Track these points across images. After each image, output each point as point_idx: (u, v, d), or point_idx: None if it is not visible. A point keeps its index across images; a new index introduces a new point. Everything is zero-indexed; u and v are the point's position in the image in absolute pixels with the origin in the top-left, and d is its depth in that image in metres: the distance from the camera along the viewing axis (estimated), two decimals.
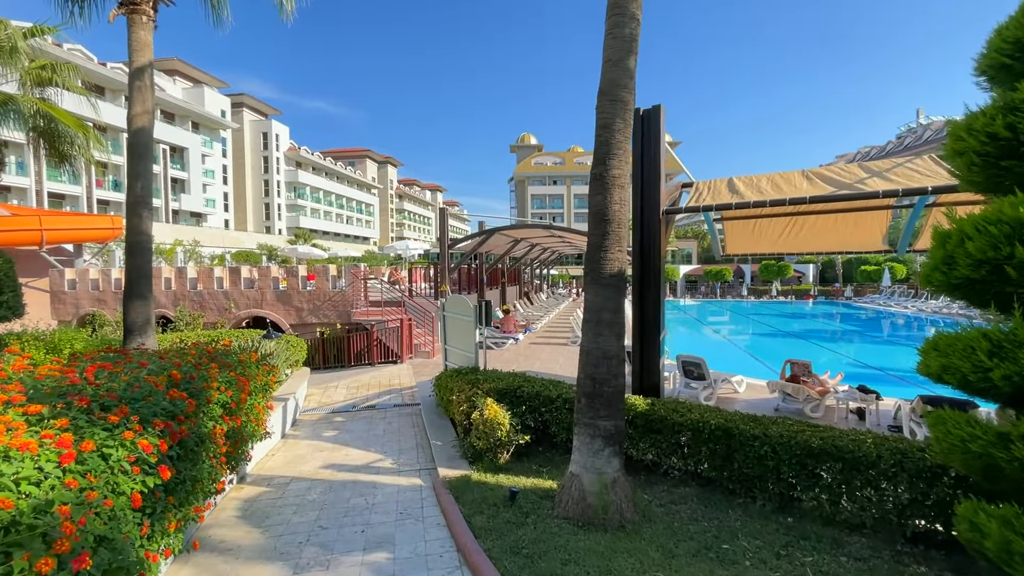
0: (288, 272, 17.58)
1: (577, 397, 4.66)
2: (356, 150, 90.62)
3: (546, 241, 22.45)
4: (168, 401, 3.26)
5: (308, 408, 9.93)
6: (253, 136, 65.03)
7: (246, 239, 48.41)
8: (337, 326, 16.66)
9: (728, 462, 4.88)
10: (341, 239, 74.53)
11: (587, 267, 4.63)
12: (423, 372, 13.14)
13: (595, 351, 4.51)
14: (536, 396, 6.31)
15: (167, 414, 3.14)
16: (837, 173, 6.54)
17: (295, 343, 11.29)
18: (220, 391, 4.08)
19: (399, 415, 9.30)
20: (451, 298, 8.10)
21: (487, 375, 7.15)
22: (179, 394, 3.40)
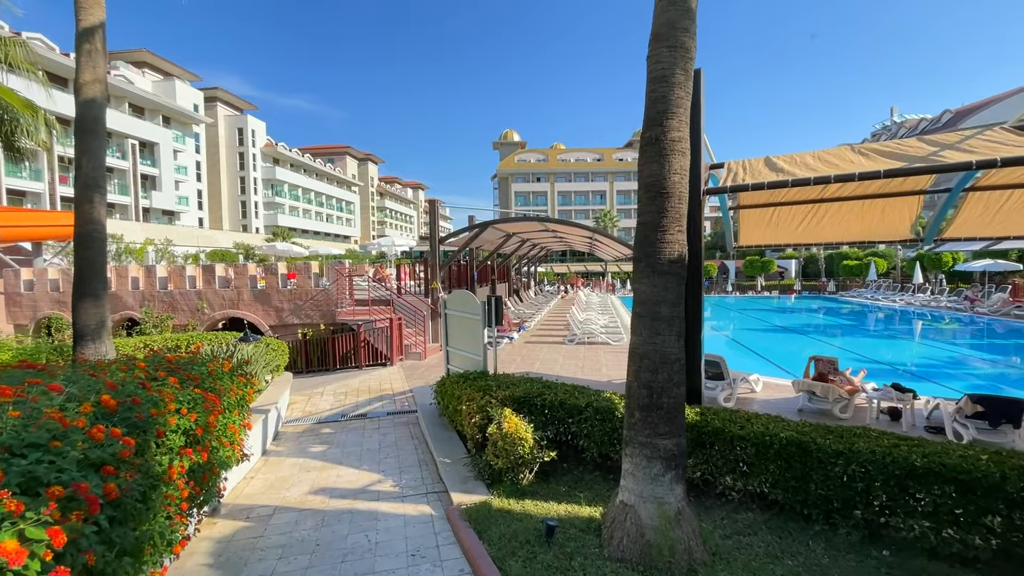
0: (267, 270, 16.42)
1: (628, 411, 3.83)
2: (335, 147, 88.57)
3: (536, 236, 21.65)
4: (91, 445, 2.31)
5: (291, 418, 8.92)
6: (228, 132, 62.82)
7: (222, 238, 46.57)
8: (321, 327, 15.59)
9: (803, 483, 4.11)
10: (321, 237, 72.71)
11: (639, 252, 3.79)
12: (416, 375, 12.20)
13: (651, 354, 3.68)
14: (560, 405, 5.47)
15: (89, 466, 2.19)
16: (898, 147, 5.83)
17: (276, 346, 10.25)
18: (180, 415, 3.13)
19: (394, 425, 8.37)
20: (455, 294, 7.22)
21: (499, 380, 6.28)
22: (114, 430, 2.43)
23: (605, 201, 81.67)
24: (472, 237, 16.03)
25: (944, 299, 29.63)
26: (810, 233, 10.76)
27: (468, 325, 6.93)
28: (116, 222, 36.55)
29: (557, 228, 17.60)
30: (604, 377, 11.89)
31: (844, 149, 6.22)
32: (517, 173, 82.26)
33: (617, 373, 12.22)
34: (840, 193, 8.82)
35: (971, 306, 26.46)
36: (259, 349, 8.93)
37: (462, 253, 17.53)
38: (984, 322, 24.03)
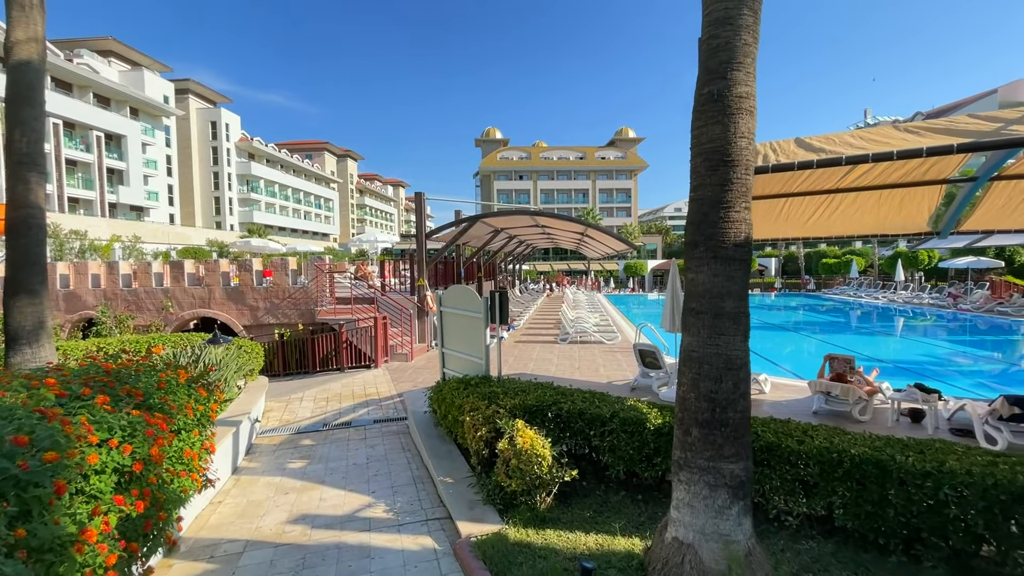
0: (240, 267, 15.36)
1: (681, 427, 3.14)
2: (314, 142, 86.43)
3: (524, 233, 20.96)
4: None
5: (267, 428, 8.04)
6: (201, 125, 60.58)
7: (194, 235, 44.77)
8: (299, 327, 14.63)
9: (880, 508, 3.48)
10: (299, 235, 70.86)
11: (695, 234, 3.11)
12: (403, 378, 11.39)
13: (713, 358, 3.00)
14: (579, 415, 4.76)
15: None
16: (951, 124, 5.28)
17: (249, 348, 9.33)
18: (109, 448, 2.33)
19: (382, 434, 7.57)
20: (452, 290, 6.46)
21: (505, 387, 5.55)
22: None
23: (587, 200, 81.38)
24: (461, 232, 15.24)
25: (926, 296, 29.88)
26: (820, 226, 10.26)
27: (467, 324, 6.18)
28: (80, 218, 34.63)
29: (548, 223, 16.92)
30: (603, 378, 11.25)
31: (886, 128, 5.66)
32: (499, 171, 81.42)
33: (616, 374, 11.60)
34: (859, 182, 8.31)
35: (954, 303, 26.67)
36: (230, 352, 8.03)
37: (448, 249, 16.73)
38: (967, 319, 24.16)
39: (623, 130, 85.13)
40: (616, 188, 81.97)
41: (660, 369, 9.99)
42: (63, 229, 25.63)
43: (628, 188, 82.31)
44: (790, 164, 4.82)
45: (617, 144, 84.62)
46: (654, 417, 4.43)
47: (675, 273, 9.77)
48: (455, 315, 6.38)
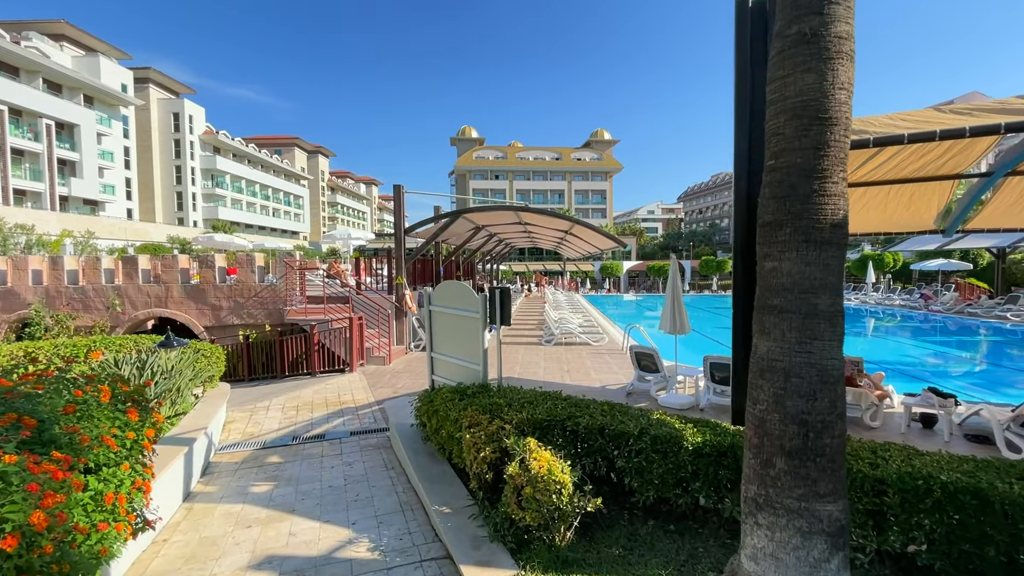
0: (202, 263, 14.16)
1: (759, 456, 2.48)
2: (283, 137, 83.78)
3: (505, 231, 20.24)
4: None
5: (228, 443, 7.09)
6: (162, 116, 57.74)
7: (154, 231, 42.47)
8: (266, 328, 13.55)
9: (979, 546, 2.90)
10: (267, 233, 68.45)
11: (777, 211, 2.46)
12: (380, 383, 10.52)
13: (804, 370, 2.35)
14: (600, 432, 4.07)
15: None
16: (1002, 104, 4.81)
17: (209, 352, 8.34)
18: None
19: (360, 449, 6.73)
20: (443, 287, 5.69)
21: (509, 397, 4.82)
22: None
23: (563, 200, 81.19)
24: (442, 227, 14.43)
25: (897, 298, 30.47)
26: None
27: (462, 325, 5.43)
28: (27, 211, 32.26)
29: (532, 219, 16.23)
30: (595, 382, 10.64)
31: (927, 111, 5.18)
32: (475, 170, 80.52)
33: (608, 377, 11.00)
34: (871, 176, 7.91)
35: (925, 304, 27.20)
36: (185, 357, 7.05)
37: (427, 247, 15.88)
38: (939, 319, 24.60)
39: (599, 132, 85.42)
40: (592, 189, 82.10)
41: (657, 373, 9.44)
42: (7, 223, 23.65)
43: (603, 190, 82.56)
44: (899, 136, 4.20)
45: (593, 146, 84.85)
46: (691, 435, 3.78)
47: (675, 271, 9.21)
48: (447, 315, 5.62)
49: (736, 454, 3.58)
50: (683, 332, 8.95)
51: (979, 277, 30.86)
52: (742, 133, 4.28)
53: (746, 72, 4.23)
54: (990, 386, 12.36)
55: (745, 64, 4.24)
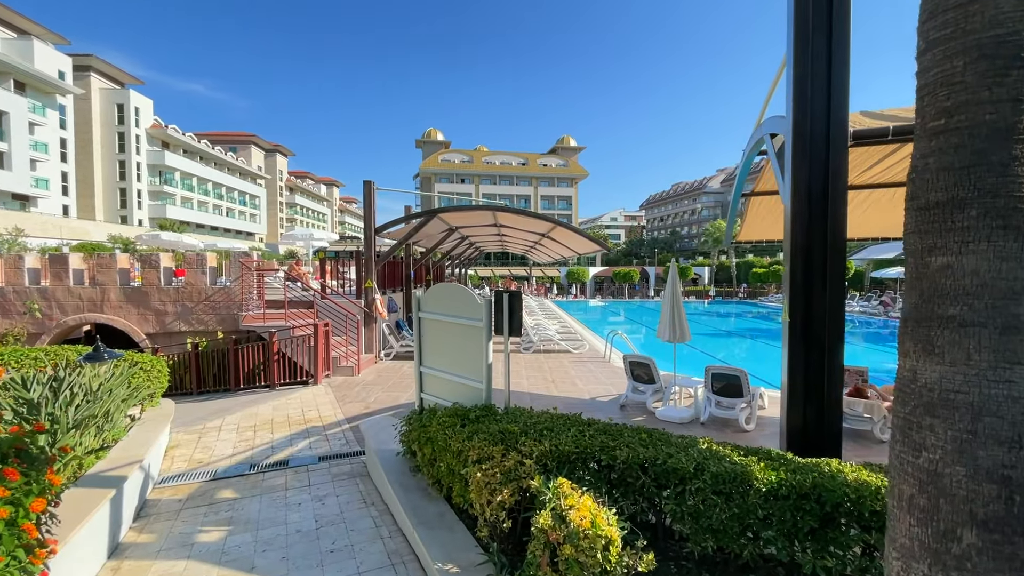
0: (145, 263, 12.69)
1: (929, 525, 1.78)
2: (239, 134, 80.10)
3: (479, 233, 19.45)
4: None
5: (171, 474, 5.97)
6: (105, 107, 53.96)
7: (94, 230, 39.37)
8: (219, 335, 12.23)
9: None
10: (220, 233, 65.06)
11: (959, 186, 1.79)
12: (349, 396, 9.50)
13: (1003, 406, 1.68)
14: (643, 468, 3.34)
15: None
16: None
17: (149, 364, 7.15)
18: None
19: (332, 479, 5.77)
20: (436, 290, 4.85)
21: (523, 422, 4.02)
22: None
23: (530, 205, 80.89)
24: (416, 228, 13.48)
25: (856, 305, 31.42)
26: None
27: (461, 336, 4.59)
28: None
29: (510, 221, 15.50)
30: (584, 393, 9.97)
31: None
32: (441, 173, 79.19)
33: (596, 387, 10.36)
34: (881, 178, 7.59)
35: (884, 311, 28.08)
36: (119, 372, 5.90)
37: (398, 249, 14.87)
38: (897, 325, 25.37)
39: (565, 138, 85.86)
40: (558, 195, 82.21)
41: (653, 383, 8.85)
42: None
43: (569, 196, 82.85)
44: (880, 131, 3.68)
45: (559, 152, 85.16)
46: (760, 472, 3.09)
47: (674, 277, 8.65)
48: (442, 323, 4.77)
49: (821, 496, 2.92)
50: (683, 340, 8.39)
51: None
52: (803, 110, 3.66)
53: (801, 38, 3.63)
54: None
55: (800, 30, 3.63)
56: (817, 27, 3.63)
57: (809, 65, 3.65)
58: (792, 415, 3.76)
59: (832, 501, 2.90)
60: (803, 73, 3.66)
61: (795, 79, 3.69)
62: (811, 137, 3.66)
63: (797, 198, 3.70)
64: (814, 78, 3.63)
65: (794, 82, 3.71)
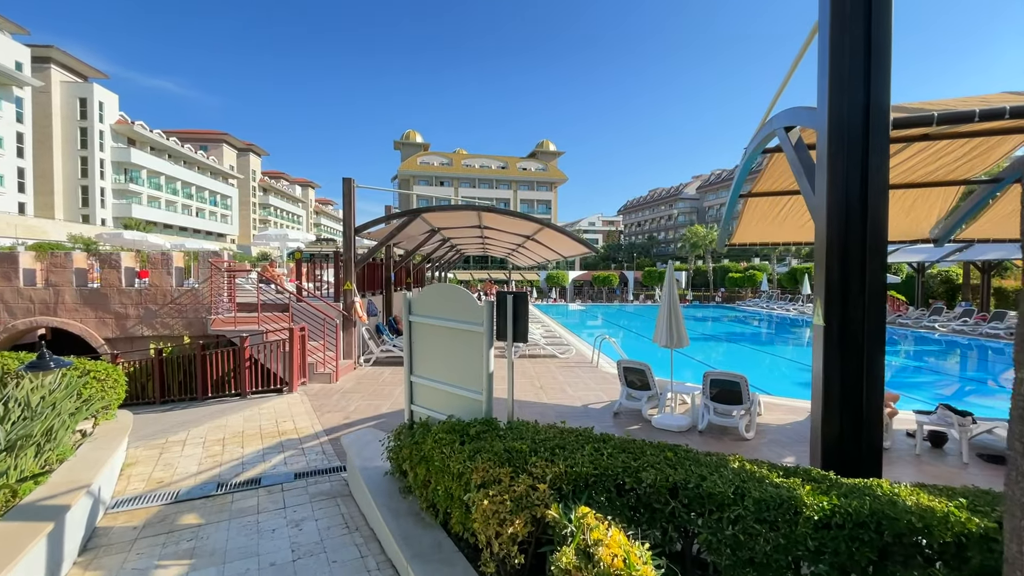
0: (104, 262, 11.83)
1: None
2: (210, 132, 77.76)
3: (460, 235, 18.95)
4: None
5: (127, 496, 5.34)
6: (66, 101, 51.60)
7: (52, 229, 37.46)
8: (185, 340, 11.47)
9: None
10: (189, 234, 62.91)
11: None
12: (328, 406, 8.91)
13: None
14: (672, 491, 2.95)
15: None
16: None
17: (104, 373, 6.46)
18: None
19: (310, 499, 5.23)
20: (429, 291, 4.38)
21: (528, 437, 3.59)
22: None
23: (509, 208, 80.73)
24: (398, 228, 12.93)
25: None
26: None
27: (458, 342, 4.14)
28: None
29: (495, 222, 15.07)
30: (575, 400, 9.59)
31: (1006, 95, 4.57)
32: (420, 175, 78.32)
33: (587, 394, 9.99)
34: None
35: None
36: (67, 382, 5.25)
37: (379, 250, 14.28)
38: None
39: (544, 143, 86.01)
40: (537, 199, 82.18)
41: (648, 390, 8.53)
42: None
43: (548, 200, 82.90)
44: (969, 112, 3.41)
45: (538, 156, 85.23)
46: (809, 497, 2.73)
47: (671, 280, 8.34)
48: (436, 327, 4.30)
49: (881, 525, 2.57)
50: (680, 345, 8.08)
51: (898, 290, 33.04)
52: (840, 97, 3.34)
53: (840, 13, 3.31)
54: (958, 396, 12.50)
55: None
56: (855, 8, 3.32)
57: (847, 48, 3.33)
58: (827, 428, 3.43)
59: (894, 531, 2.55)
60: (840, 56, 3.35)
61: (831, 63, 3.38)
62: (849, 127, 3.35)
63: (834, 194, 3.38)
64: (852, 61, 3.32)
65: (830, 67, 3.39)
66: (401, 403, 9.13)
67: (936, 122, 3.45)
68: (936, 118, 3.43)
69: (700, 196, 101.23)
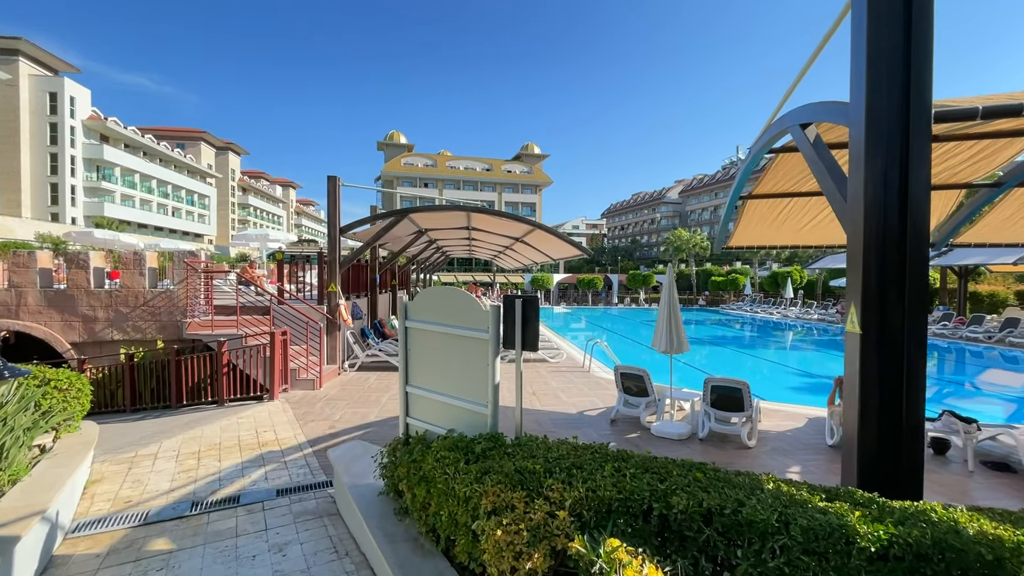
0: (71, 262, 11.17)
1: None
2: (188, 130, 75.89)
3: (447, 237, 18.57)
4: None
5: (88, 519, 4.86)
6: (35, 94, 49.75)
7: (19, 227, 36.04)
8: (158, 344, 10.88)
9: None
10: (165, 234, 61.18)
11: None
12: (312, 415, 8.46)
13: None
14: (706, 517, 2.65)
15: None
16: None
17: (65, 382, 5.95)
18: None
19: (294, 519, 4.83)
20: (427, 294, 4.04)
21: (540, 455, 3.27)
22: None
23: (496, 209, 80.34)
24: (385, 228, 12.51)
25: (814, 312, 32.34)
26: (816, 234, 9.28)
27: (460, 349, 3.80)
28: None
29: (484, 224, 14.74)
30: (569, 407, 9.31)
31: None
32: (404, 176, 77.51)
33: (581, 400, 9.71)
34: None
35: (842, 318, 28.94)
36: (22, 393, 4.76)
37: (365, 251, 13.82)
38: None
39: (529, 145, 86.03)
40: (522, 202, 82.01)
41: (645, 396, 8.28)
42: None
43: (533, 202, 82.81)
44: (1017, 106, 3.20)
45: (523, 159, 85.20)
46: (862, 525, 2.46)
47: (671, 283, 8.10)
48: (435, 333, 3.96)
49: (945, 556, 2.31)
50: (680, 351, 7.85)
51: None
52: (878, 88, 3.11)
53: None
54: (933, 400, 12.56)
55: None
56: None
57: (886, 36, 3.10)
58: (864, 442, 3.18)
59: (961, 564, 2.29)
60: (879, 43, 3.12)
61: (870, 52, 3.14)
62: (888, 120, 3.12)
63: (872, 191, 3.14)
64: (892, 50, 3.09)
65: (868, 56, 3.15)
66: (390, 411, 8.74)
67: (981, 115, 3.26)
68: (981, 111, 3.23)
69: (682, 200, 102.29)
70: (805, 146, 4.43)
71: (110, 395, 10.06)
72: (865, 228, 3.17)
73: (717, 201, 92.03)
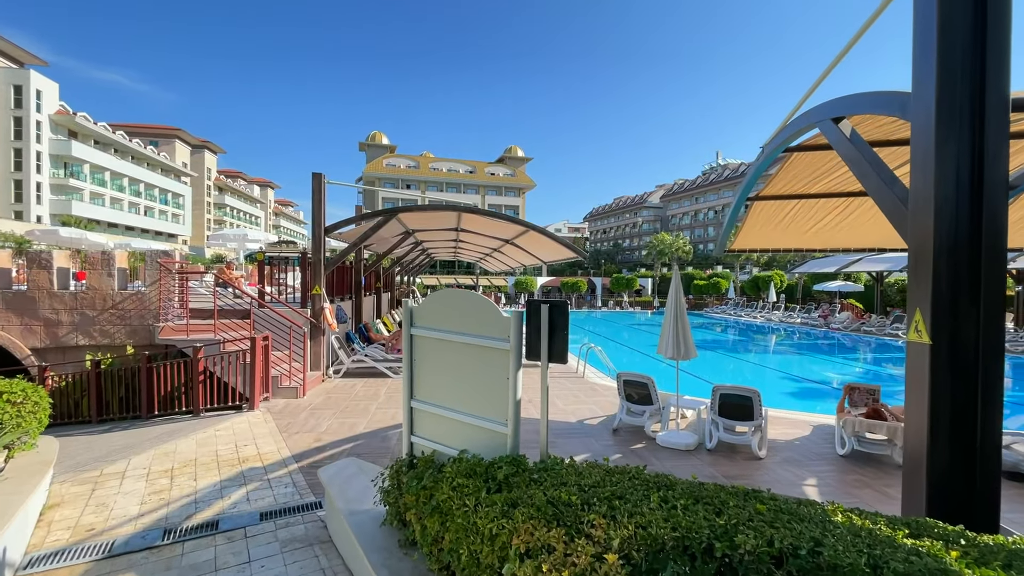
0: (32, 262, 10.38)
1: None
2: (162, 127, 73.67)
3: (434, 238, 18.08)
4: None
5: (44, 552, 4.28)
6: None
7: None
8: (128, 350, 10.17)
9: None
10: (137, 234, 59.15)
11: None
12: (296, 426, 7.91)
13: None
14: (778, 561, 2.28)
15: None
16: None
17: (21, 395, 5.31)
18: None
19: (281, 548, 4.33)
20: (436, 297, 3.61)
21: (573, 482, 2.86)
22: None
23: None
24: (372, 228, 11.97)
25: (798, 316, 32.64)
26: (821, 238, 9.08)
27: (475, 360, 3.38)
28: None
29: (474, 225, 14.30)
30: (568, 415, 8.93)
31: None
32: (386, 177, 76.45)
33: (580, 408, 9.34)
34: (838, 187, 7.15)
35: (825, 322, 29.23)
36: None
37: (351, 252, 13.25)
38: (838, 337, 26.32)
39: (512, 148, 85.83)
40: (505, 205, 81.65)
41: (650, 404, 7.95)
42: None
43: (517, 205, 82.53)
44: None
45: (507, 162, 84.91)
46: (966, 569, 2.11)
47: (677, 286, 7.80)
48: (445, 342, 3.52)
49: None
50: (688, 357, 7.54)
51: (858, 298, 34.16)
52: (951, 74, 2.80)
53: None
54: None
55: None
56: None
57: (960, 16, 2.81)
58: (935, 467, 2.86)
59: None
60: (951, 23, 2.82)
61: (940, 35, 2.84)
62: (959, 111, 2.82)
63: (943, 189, 2.83)
64: (963, 30, 2.79)
65: (939, 39, 2.85)
66: (379, 420, 8.24)
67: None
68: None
69: (664, 205, 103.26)
70: (840, 142, 4.14)
71: (74, 405, 9.34)
72: (936, 230, 2.86)
73: (698, 206, 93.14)
